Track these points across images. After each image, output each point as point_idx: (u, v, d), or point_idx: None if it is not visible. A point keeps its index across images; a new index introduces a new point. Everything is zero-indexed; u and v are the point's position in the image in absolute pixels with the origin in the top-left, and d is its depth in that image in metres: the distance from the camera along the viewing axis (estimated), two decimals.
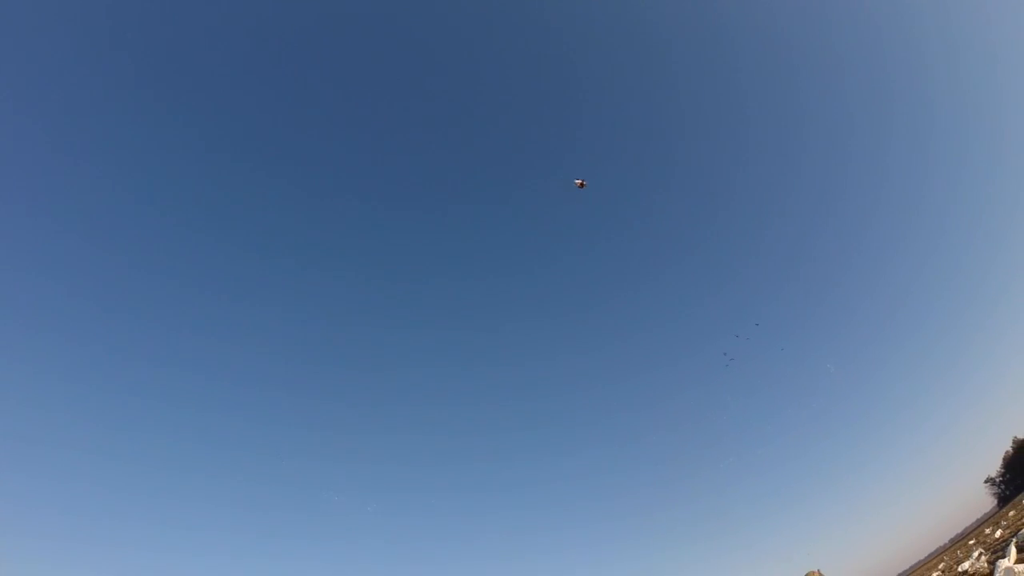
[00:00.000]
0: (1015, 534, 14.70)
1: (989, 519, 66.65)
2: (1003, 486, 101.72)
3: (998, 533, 24.72)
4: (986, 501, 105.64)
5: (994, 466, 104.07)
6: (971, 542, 32.66)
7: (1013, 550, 12.92)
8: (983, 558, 15.99)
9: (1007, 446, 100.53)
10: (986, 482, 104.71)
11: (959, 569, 17.16)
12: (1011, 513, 33.13)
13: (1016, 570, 10.28)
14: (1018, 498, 57.41)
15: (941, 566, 29.21)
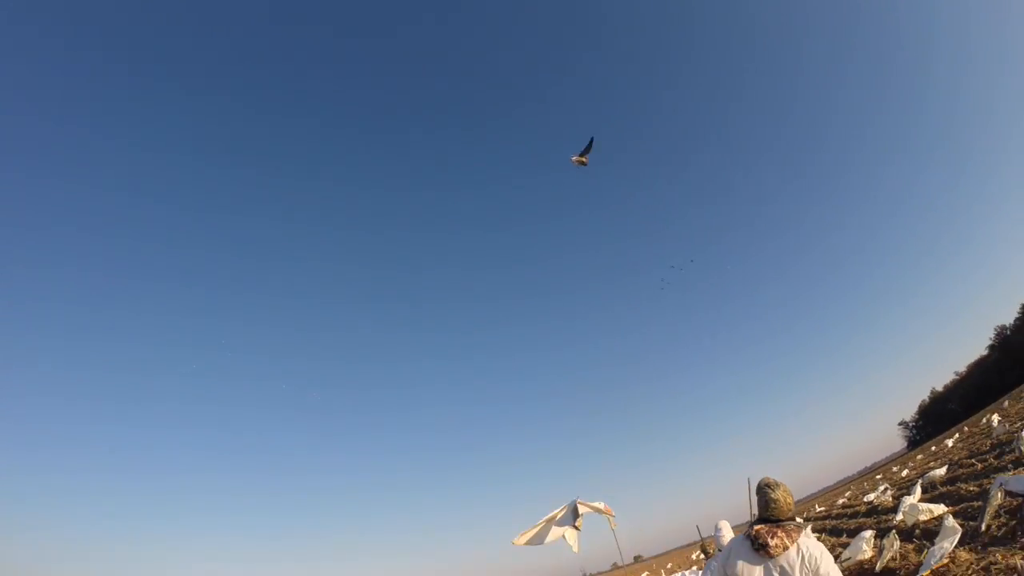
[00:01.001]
0: (921, 476, 12.59)
1: (897, 459, 64.58)
2: (915, 431, 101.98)
3: (904, 472, 22.24)
4: (896, 443, 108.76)
5: (910, 411, 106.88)
6: (878, 477, 31.17)
7: (918, 489, 9.45)
8: (888, 492, 13.29)
9: (926, 396, 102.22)
10: (900, 424, 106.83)
11: (864, 499, 14.71)
12: (919, 456, 32.14)
13: (920, 507, 6.21)
14: (927, 444, 56.24)
15: (848, 494, 27.43)
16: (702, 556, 6.54)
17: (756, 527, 3.07)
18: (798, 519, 3.26)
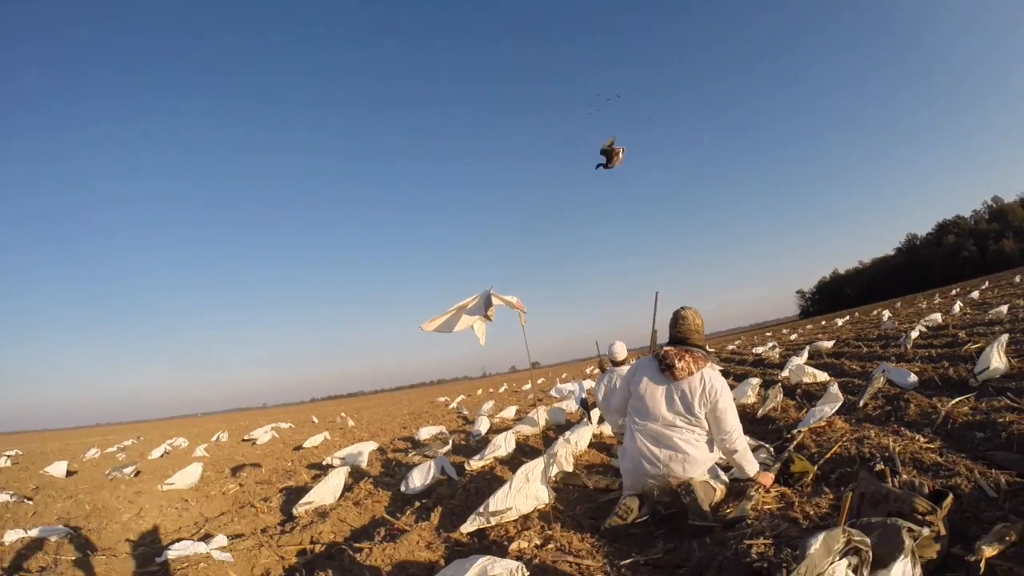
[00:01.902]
0: (809, 343, 13.52)
1: (788, 323, 71.78)
2: (810, 302, 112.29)
3: (794, 336, 23.72)
4: (790, 308, 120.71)
5: (809, 284, 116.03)
6: (768, 334, 32.54)
7: (806, 353, 10.51)
8: (776, 350, 14.36)
9: (827, 274, 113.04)
10: (798, 292, 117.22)
11: (753, 350, 16.08)
12: (809, 326, 34.48)
13: (806, 369, 7.06)
14: (818, 317, 62.28)
15: (738, 343, 28.82)
16: (597, 371, 7.17)
17: (666, 347, 3.15)
18: (708, 348, 3.32)
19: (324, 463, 7.82)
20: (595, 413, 6.48)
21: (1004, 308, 10.46)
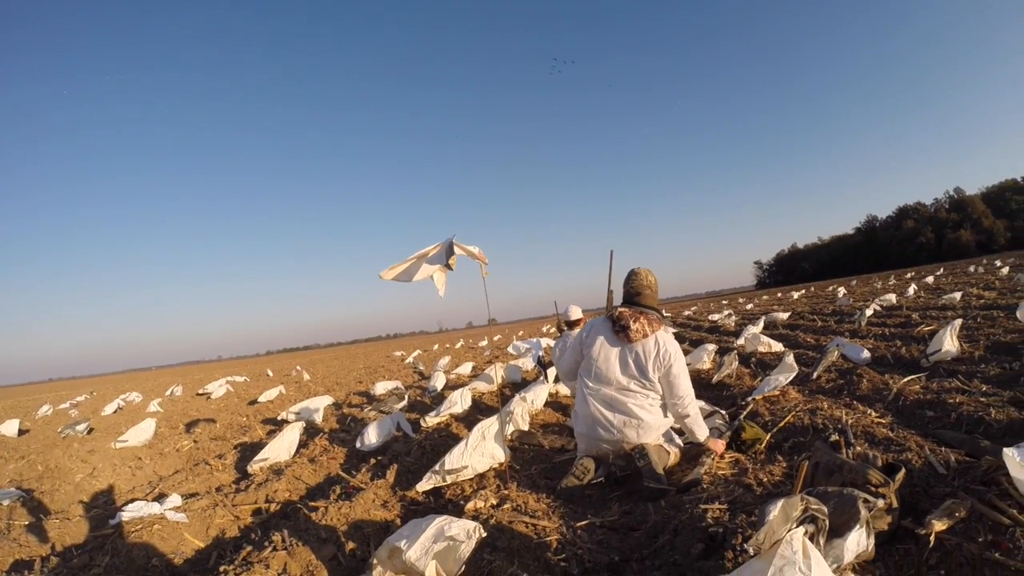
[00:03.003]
0: (765, 313, 13.86)
1: (744, 293, 73.68)
2: (767, 274, 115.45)
3: (749, 306, 24.21)
4: (746, 278, 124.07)
5: (767, 256, 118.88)
6: (724, 302, 33.84)
7: (761, 323, 10.90)
8: (732, 318, 14.82)
9: (786, 247, 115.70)
10: (755, 264, 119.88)
11: (709, 318, 16.57)
12: (764, 297, 34.62)
13: (761, 338, 7.19)
14: (774, 289, 63.15)
15: (694, 309, 29.83)
16: (555, 331, 7.17)
17: (620, 308, 3.09)
18: (664, 312, 3.32)
19: (279, 418, 7.68)
20: (551, 372, 6.48)
21: (957, 295, 10.83)
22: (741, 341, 7.80)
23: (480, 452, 3.41)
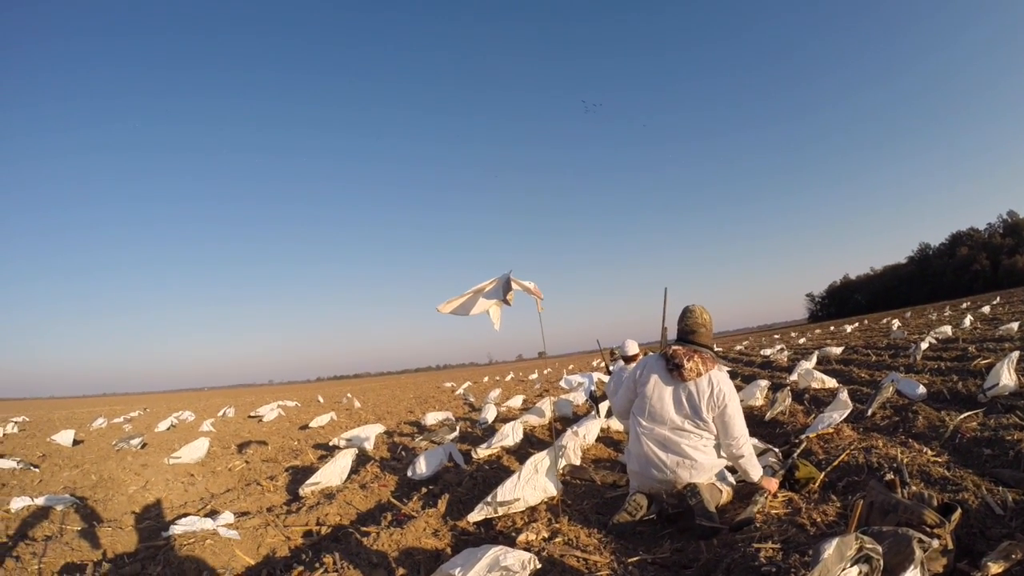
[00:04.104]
0: (818, 348, 13.04)
1: (796, 326, 70.96)
2: (819, 306, 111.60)
3: (802, 340, 23.93)
4: (798, 311, 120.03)
5: (819, 288, 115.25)
6: (775, 336, 33.38)
7: (815, 358, 10.27)
8: (784, 353, 14.56)
9: (838, 279, 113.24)
10: (807, 296, 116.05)
11: (761, 352, 16.56)
12: (817, 331, 34.11)
13: (815, 374, 6.94)
14: (826, 322, 61.28)
15: (745, 343, 28.95)
16: (603, 365, 7.18)
17: (674, 347, 3.07)
18: (716, 348, 3.27)
19: (331, 444, 7.87)
20: (603, 406, 6.49)
21: (1015, 325, 10.35)
22: (794, 377, 7.64)
23: (532, 485, 3.50)
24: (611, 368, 5.67)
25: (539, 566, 2.34)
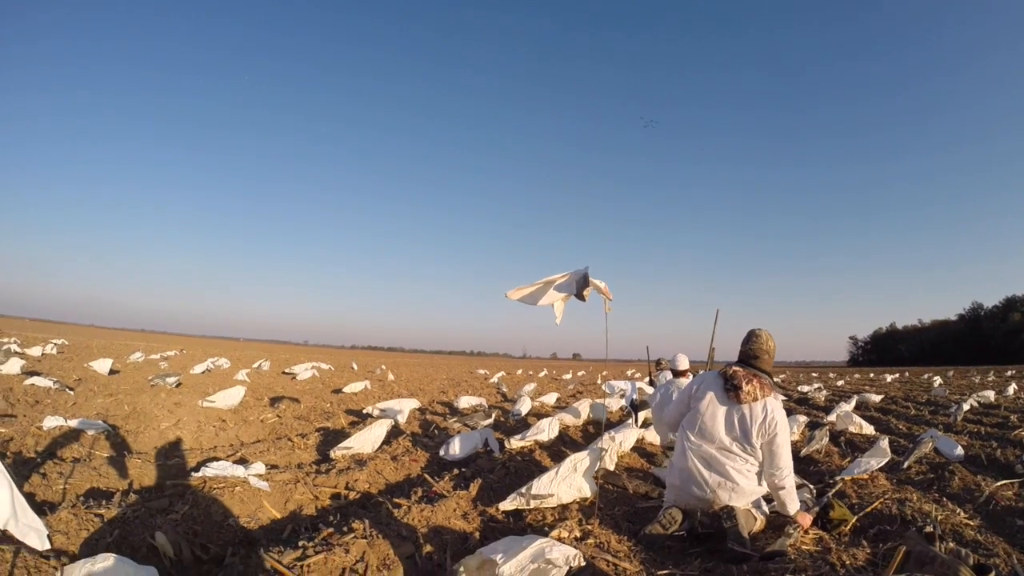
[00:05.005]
0: (857, 392, 13.40)
1: (835, 368, 69.42)
2: (860, 351, 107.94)
3: (840, 382, 23.35)
4: (839, 352, 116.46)
5: (864, 332, 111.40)
6: (814, 375, 32.86)
7: (854, 401, 10.36)
8: (823, 392, 14.41)
9: (884, 326, 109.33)
10: (851, 339, 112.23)
11: (798, 388, 16.13)
12: (856, 375, 33.84)
13: (854, 417, 6.82)
14: (866, 369, 62.61)
15: (782, 377, 28.96)
16: (638, 375, 7.19)
17: (735, 367, 3.06)
18: (775, 378, 3.23)
19: (364, 411, 8.04)
20: (641, 415, 6.48)
21: None
22: (832, 418, 7.57)
23: (568, 483, 3.62)
24: (655, 379, 5.67)
25: (583, 563, 2.38)
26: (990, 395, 11.71)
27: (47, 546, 1.85)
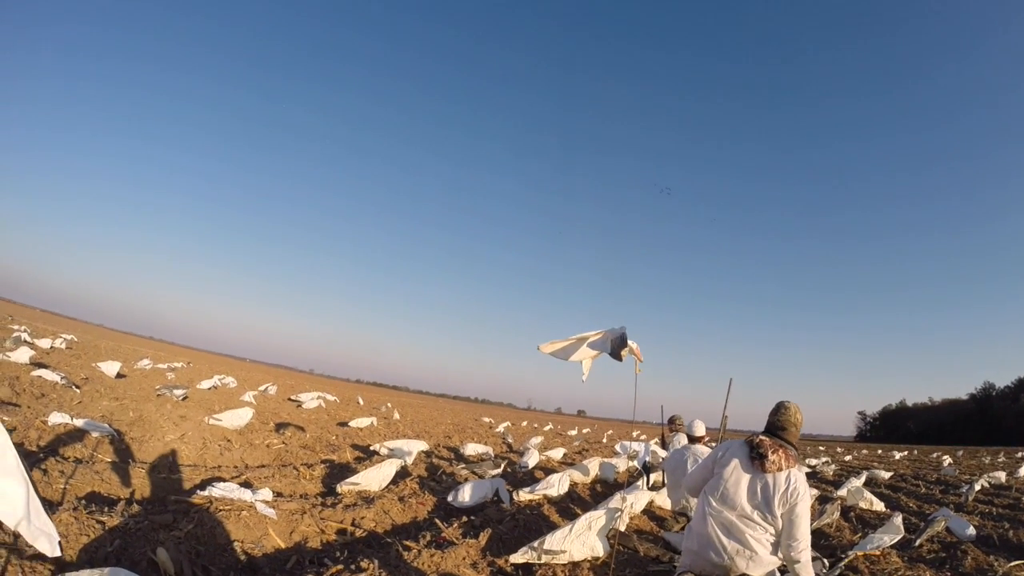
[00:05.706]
0: (865, 468, 12.89)
1: (842, 442, 67.50)
2: (868, 426, 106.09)
3: (848, 457, 23.25)
4: (846, 426, 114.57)
5: (873, 407, 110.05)
6: (821, 448, 33.06)
7: (864, 477, 9.88)
8: (831, 466, 13.99)
9: (894, 402, 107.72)
10: (859, 413, 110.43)
11: (806, 461, 15.19)
12: (864, 451, 33.58)
13: (864, 493, 6.73)
14: (874, 445, 62.57)
15: None
16: (644, 436, 7.15)
17: (761, 436, 3.08)
18: (799, 452, 3.21)
19: (371, 448, 7.87)
20: (653, 477, 6.40)
21: None
22: (843, 492, 7.45)
23: (582, 541, 3.57)
24: (668, 440, 5.63)
25: None
26: (1001, 476, 11.52)
27: (57, 553, 1.71)
